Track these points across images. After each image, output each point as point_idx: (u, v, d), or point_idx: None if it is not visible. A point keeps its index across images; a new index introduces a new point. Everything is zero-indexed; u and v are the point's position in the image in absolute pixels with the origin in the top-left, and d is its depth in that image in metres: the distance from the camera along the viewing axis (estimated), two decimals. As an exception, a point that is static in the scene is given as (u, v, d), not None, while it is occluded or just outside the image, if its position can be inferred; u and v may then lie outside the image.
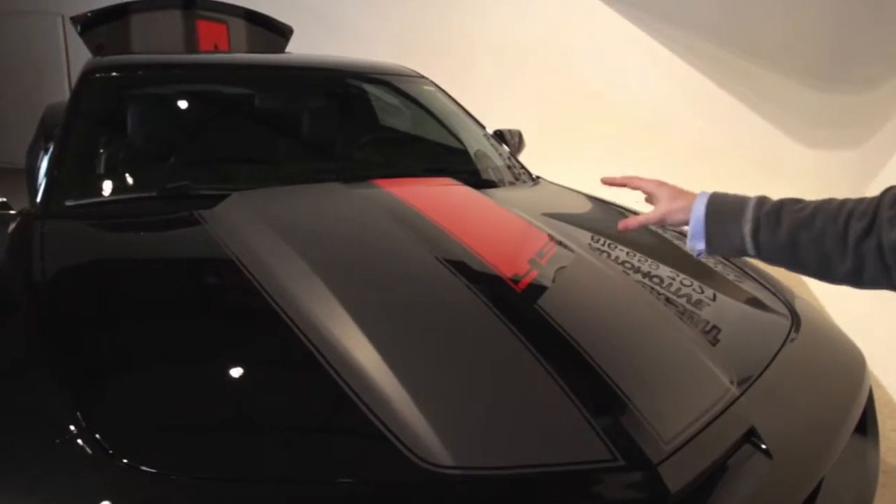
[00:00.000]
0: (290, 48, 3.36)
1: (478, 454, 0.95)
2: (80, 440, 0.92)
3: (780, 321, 1.51)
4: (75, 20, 2.76)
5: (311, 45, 3.56)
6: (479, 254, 1.42)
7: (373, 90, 2.65)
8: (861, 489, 1.29)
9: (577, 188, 2.33)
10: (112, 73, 2.17)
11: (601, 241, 1.72)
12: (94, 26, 2.76)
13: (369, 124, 2.60)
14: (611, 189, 1.19)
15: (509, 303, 1.27)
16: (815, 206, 0.91)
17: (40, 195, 1.79)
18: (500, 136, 2.71)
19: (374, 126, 2.61)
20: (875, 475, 1.34)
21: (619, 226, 1.12)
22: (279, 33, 3.28)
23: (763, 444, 1.09)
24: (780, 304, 1.59)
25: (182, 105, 2.35)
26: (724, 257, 1.70)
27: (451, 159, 2.45)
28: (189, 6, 2.96)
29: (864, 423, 1.39)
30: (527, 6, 5.57)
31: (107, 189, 1.93)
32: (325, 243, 1.52)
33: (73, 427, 0.94)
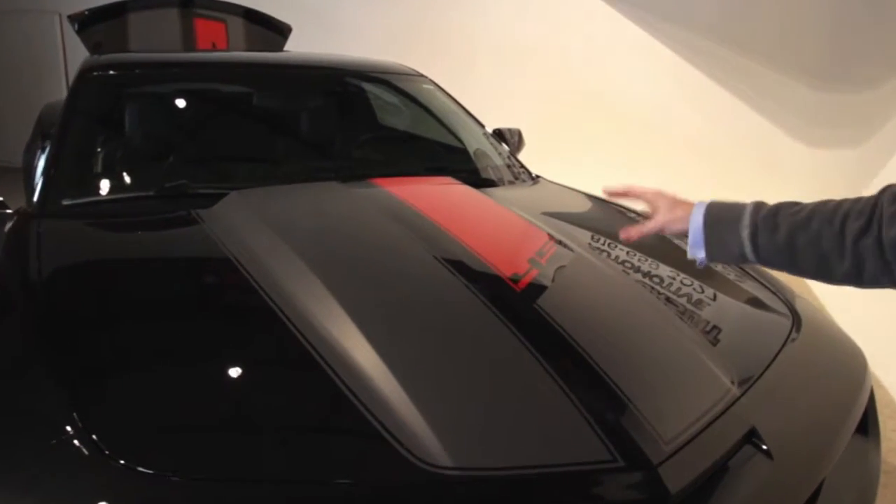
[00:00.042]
0: (288, 47, 3.35)
1: (476, 454, 0.94)
2: (76, 441, 0.91)
3: (781, 321, 1.50)
4: (73, 18, 2.74)
5: (310, 43, 3.54)
6: (478, 253, 1.42)
7: (372, 89, 2.64)
8: (862, 490, 1.28)
9: (577, 187, 2.32)
10: (109, 72, 2.17)
11: (601, 240, 1.71)
12: (92, 24, 2.75)
13: (368, 123, 2.60)
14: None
15: (509, 302, 1.27)
16: (812, 208, 0.91)
17: (37, 194, 1.78)
18: (500, 134, 2.70)
19: (372, 125, 2.60)
20: (876, 476, 1.33)
21: (621, 235, 1.13)
22: (277, 32, 3.27)
23: (764, 445, 1.08)
24: (780, 304, 1.59)
25: (180, 104, 2.34)
26: (727, 264, 1.69)
27: (451, 158, 2.44)
28: (187, 4, 2.95)
29: (866, 423, 1.39)
30: (527, 5, 5.56)
31: (104, 188, 1.92)
32: (323, 242, 1.52)
33: (69, 428, 0.93)
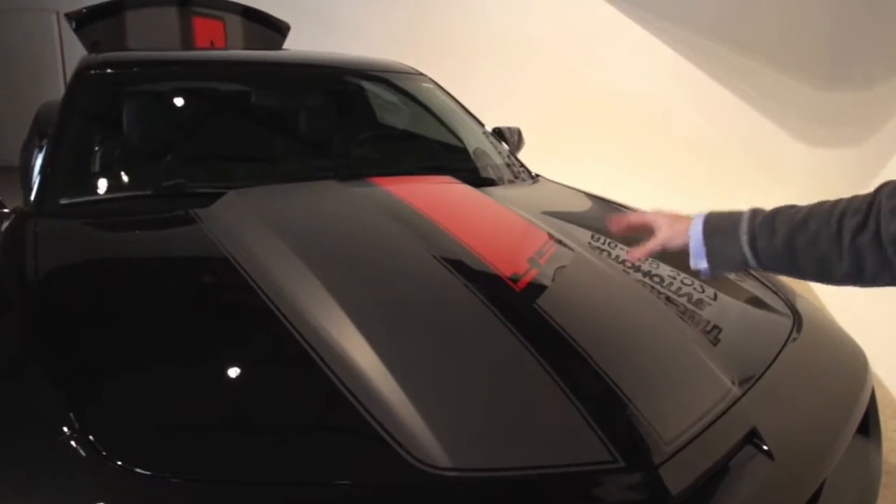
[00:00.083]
0: (287, 45, 3.34)
1: (476, 455, 0.93)
2: (73, 441, 0.90)
3: (782, 321, 1.50)
4: (70, 17, 2.73)
5: (309, 42, 3.53)
6: (477, 252, 1.41)
7: (370, 87, 2.63)
8: (863, 490, 1.28)
9: (577, 186, 2.32)
10: (107, 70, 2.16)
11: (601, 239, 1.70)
12: (90, 23, 2.74)
13: (367, 122, 2.59)
14: (610, 188, 1.19)
15: (508, 302, 1.26)
16: (809, 209, 0.92)
17: (34, 193, 1.77)
18: (500, 133, 2.70)
19: (371, 123, 2.60)
20: (877, 476, 1.33)
21: (627, 256, 1.13)
22: (276, 30, 3.26)
23: (765, 445, 1.08)
24: (781, 304, 1.58)
25: (178, 102, 2.33)
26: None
27: (450, 157, 2.43)
28: (185, 3, 2.94)
29: (867, 423, 1.38)
30: (527, 4, 5.55)
31: (101, 187, 1.91)
32: (321, 242, 1.51)
33: (66, 428, 0.92)
